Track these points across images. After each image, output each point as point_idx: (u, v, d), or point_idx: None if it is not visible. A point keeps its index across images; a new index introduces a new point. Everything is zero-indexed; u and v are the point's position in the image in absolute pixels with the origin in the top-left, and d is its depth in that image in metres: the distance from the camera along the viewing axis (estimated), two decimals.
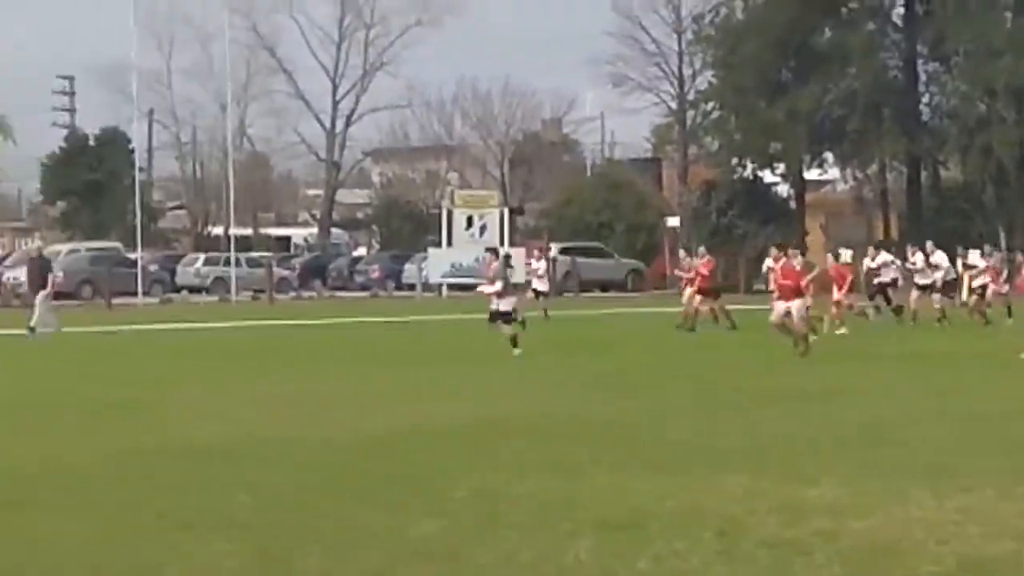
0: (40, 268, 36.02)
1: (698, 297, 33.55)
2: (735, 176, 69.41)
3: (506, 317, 25.94)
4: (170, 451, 14.21)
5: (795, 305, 25.94)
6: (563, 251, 64.65)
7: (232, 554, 9.56)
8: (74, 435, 15.74)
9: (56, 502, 11.57)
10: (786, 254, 28.54)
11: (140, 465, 13.35)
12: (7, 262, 63.92)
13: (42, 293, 34.78)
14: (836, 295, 32.48)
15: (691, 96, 75.82)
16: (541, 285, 40.32)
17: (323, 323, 39.00)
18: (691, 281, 34.21)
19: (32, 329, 33.33)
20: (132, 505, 11.32)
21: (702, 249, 36.29)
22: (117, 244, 67.11)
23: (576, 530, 10.13)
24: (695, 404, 18.56)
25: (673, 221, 72.51)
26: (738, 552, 9.56)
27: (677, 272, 38.40)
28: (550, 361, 25.55)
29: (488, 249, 29.14)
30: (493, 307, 26.20)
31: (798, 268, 28.08)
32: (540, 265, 41.50)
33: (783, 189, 71.93)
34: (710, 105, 71.80)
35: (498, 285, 26.02)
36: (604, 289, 64.96)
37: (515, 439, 14.90)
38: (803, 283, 27.36)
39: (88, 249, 64.31)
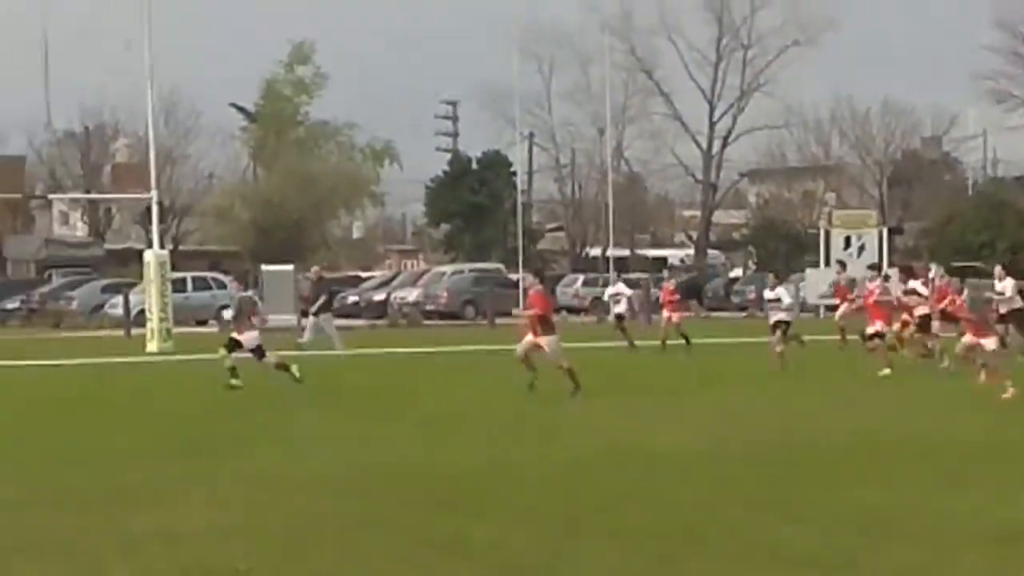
0: (318, 290, 35.93)
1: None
2: None
3: (256, 352, 24.88)
4: (560, 462, 14.80)
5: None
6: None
7: (622, 558, 9.98)
8: (475, 446, 16.45)
9: (463, 503, 12.24)
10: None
11: (538, 475, 13.93)
12: (394, 283, 66.32)
13: (323, 315, 34.88)
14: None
15: None
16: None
17: (698, 342, 38.43)
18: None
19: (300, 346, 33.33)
20: (530, 509, 11.86)
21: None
22: (499, 265, 68.72)
23: (965, 542, 10.20)
24: None
25: None
26: None
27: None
28: (920, 383, 25.10)
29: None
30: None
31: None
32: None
33: None
34: None
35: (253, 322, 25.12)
36: None
37: (894, 456, 15.01)
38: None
39: (471, 270, 66.11)
